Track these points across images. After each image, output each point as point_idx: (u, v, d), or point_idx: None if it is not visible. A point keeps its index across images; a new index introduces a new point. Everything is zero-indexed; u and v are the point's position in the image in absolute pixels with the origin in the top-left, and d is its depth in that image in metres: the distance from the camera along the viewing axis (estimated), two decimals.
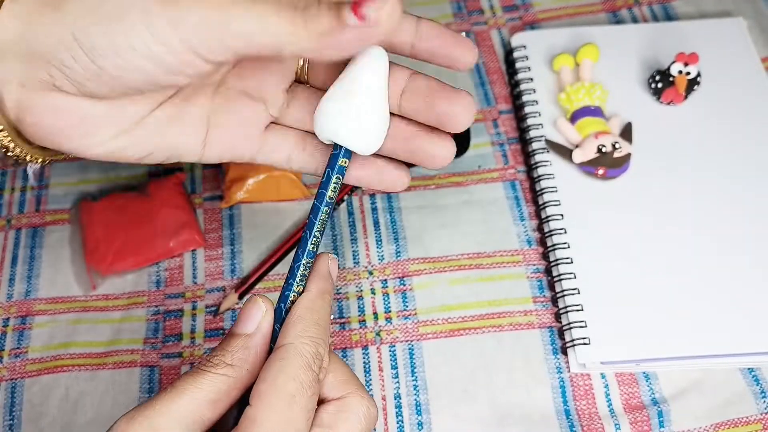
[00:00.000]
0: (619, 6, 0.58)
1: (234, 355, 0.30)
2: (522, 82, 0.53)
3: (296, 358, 0.29)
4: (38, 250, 0.49)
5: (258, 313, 0.30)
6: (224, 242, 0.49)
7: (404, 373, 0.44)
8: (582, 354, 0.43)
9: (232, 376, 0.29)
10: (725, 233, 0.46)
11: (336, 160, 0.32)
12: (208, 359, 0.29)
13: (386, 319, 0.46)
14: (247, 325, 0.30)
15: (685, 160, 0.49)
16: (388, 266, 0.47)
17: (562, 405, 0.43)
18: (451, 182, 0.50)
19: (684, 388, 0.43)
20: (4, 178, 0.52)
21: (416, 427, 0.42)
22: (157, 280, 0.48)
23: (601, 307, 0.44)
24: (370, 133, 0.31)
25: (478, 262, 0.47)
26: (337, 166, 0.32)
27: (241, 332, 0.30)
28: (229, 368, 0.29)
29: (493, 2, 0.59)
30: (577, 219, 0.47)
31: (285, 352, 0.29)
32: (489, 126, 0.53)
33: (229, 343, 0.30)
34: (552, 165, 0.49)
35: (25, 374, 0.44)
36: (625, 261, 0.46)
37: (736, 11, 0.57)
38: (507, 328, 0.45)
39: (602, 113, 0.50)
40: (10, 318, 0.46)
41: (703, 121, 0.51)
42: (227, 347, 0.30)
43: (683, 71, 0.50)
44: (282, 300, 0.32)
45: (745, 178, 0.48)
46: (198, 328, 0.46)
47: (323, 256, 0.33)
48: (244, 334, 0.30)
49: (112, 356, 0.45)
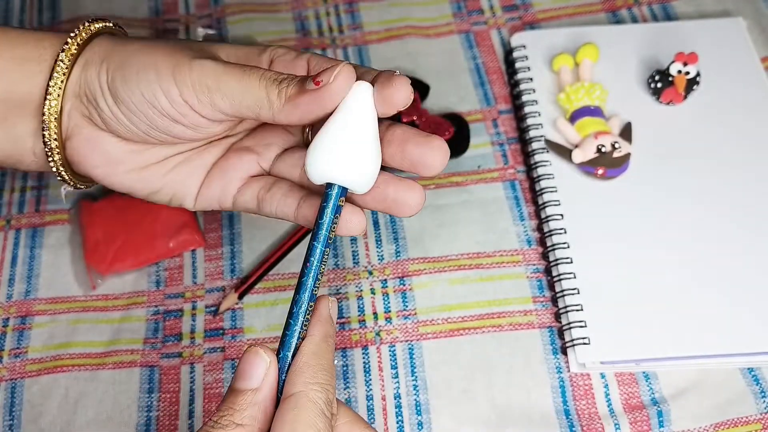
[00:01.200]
0: (618, 6, 0.58)
1: (243, 414, 0.29)
2: (522, 82, 0.53)
3: (309, 405, 0.29)
4: (38, 250, 0.49)
5: (262, 366, 0.30)
6: (224, 242, 0.49)
7: (404, 373, 0.44)
8: (582, 354, 0.43)
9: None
10: (725, 233, 0.46)
11: (332, 200, 0.31)
12: (216, 421, 0.29)
13: (386, 319, 0.46)
14: (252, 380, 0.29)
15: (685, 160, 0.49)
16: (387, 266, 0.47)
17: (562, 405, 0.43)
18: (450, 182, 0.50)
19: (684, 388, 0.43)
20: (4, 178, 0.52)
21: (416, 427, 0.42)
22: (156, 280, 0.48)
23: (601, 307, 0.44)
24: (364, 169, 0.31)
25: (477, 262, 0.47)
26: (336, 206, 0.31)
27: (245, 388, 0.29)
28: (240, 428, 0.28)
29: (493, 2, 0.59)
30: (576, 219, 0.47)
31: (297, 401, 0.29)
32: (489, 126, 0.53)
33: (235, 401, 0.29)
34: (552, 165, 0.49)
35: (24, 374, 0.44)
36: (625, 261, 0.46)
37: (735, 11, 0.57)
38: (507, 328, 0.45)
39: (602, 113, 0.50)
40: (9, 318, 0.46)
41: (703, 121, 0.51)
42: (234, 406, 0.29)
43: (683, 71, 0.50)
44: (286, 348, 0.30)
45: (744, 177, 0.48)
46: (198, 328, 0.46)
47: (323, 299, 0.32)
48: (249, 389, 0.29)
49: (112, 356, 0.45)
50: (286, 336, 0.31)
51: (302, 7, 0.59)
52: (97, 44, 0.36)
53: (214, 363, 0.45)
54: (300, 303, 0.31)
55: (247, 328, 0.46)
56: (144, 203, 0.48)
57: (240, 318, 0.46)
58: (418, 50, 0.56)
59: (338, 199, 0.31)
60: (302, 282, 0.31)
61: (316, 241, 0.31)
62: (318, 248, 0.31)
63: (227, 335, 0.46)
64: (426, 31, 0.57)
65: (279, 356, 0.30)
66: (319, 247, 0.31)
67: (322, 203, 0.31)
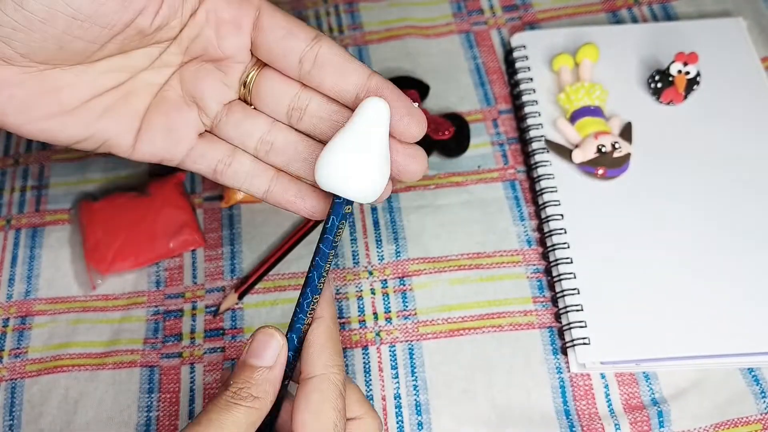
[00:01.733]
0: (618, 6, 0.58)
1: (259, 388, 0.31)
2: (522, 82, 0.53)
3: (332, 387, 0.31)
4: (38, 250, 0.49)
5: (275, 347, 0.32)
6: (224, 242, 0.49)
7: (404, 373, 0.44)
8: (582, 354, 0.43)
9: (260, 408, 0.31)
10: (725, 233, 0.46)
11: (340, 208, 0.33)
12: (235, 392, 0.30)
13: (386, 319, 0.46)
14: (266, 358, 0.32)
15: (685, 160, 0.49)
16: (387, 266, 0.47)
17: (562, 405, 0.43)
18: (450, 182, 0.50)
19: (684, 388, 0.43)
20: (4, 178, 0.52)
21: (416, 427, 0.42)
22: (156, 280, 0.48)
23: (601, 307, 0.44)
24: (373, 183, 0.32)
25: (478, 262, 0.47)
26: (342, 214, 0.33)
27: (259, 365, 0.31)
28: (257, 401, 0.31)
29: (493, 2, 0.59)
30: (576, 219, 0.47)
31: (321, 383, 0.31)
32: (489, 126, 0.53)
33: (252, 376, 0.31)
34: (552, 165, 0.49)
35: (24, 374, 0.44)
36: (625, 261, 0.46)
37: (735, 11, 0.57)
38: (507, 328, 0.45)
39: (602, 113, 0.50)
40: (9, 318, 0.46)
41: (703, 121, 0.51)
42: (251, 380, 0.31)
43: (683, 71, 0.50)
44: (295, 331, 0.33)
45: (744, 177, 0.48)
46: (198, 328, 0.46)
47: (329, 283, 0.34)
48: (264, 366, 0.31)
49: (112, 356, 0.45)
50: (294, 322, 0.33)
51: (302, 7, 0.59)
52: None
53: (214, 363, 0.45)
54: (306, 296, 0.33)
55: (247, 328, 0.46)
56: (144, 203, 0.48)
57: (240, 318, 0.46)
58: (418, 50, 0.56)
59: (344, 207, 0.33)
60: (309, 277, 0.33)
61: (323, 244, 0.33)
62: (324, 250, 0.33)
63: (227, 335, 0.46)
64: (426, 31, 0.57)
65: (287, 337, 0.33)
66: (326, 250, 0.33)
67: (330, 210, 0.33)
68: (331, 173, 0.32)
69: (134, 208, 0.48)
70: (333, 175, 0.32)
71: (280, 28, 0.33)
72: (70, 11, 0.30)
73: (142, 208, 0.48)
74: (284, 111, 0.35)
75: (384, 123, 0.32)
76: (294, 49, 0.33)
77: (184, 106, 0.36)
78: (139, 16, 0.31)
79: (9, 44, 0.30)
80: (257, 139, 0.36)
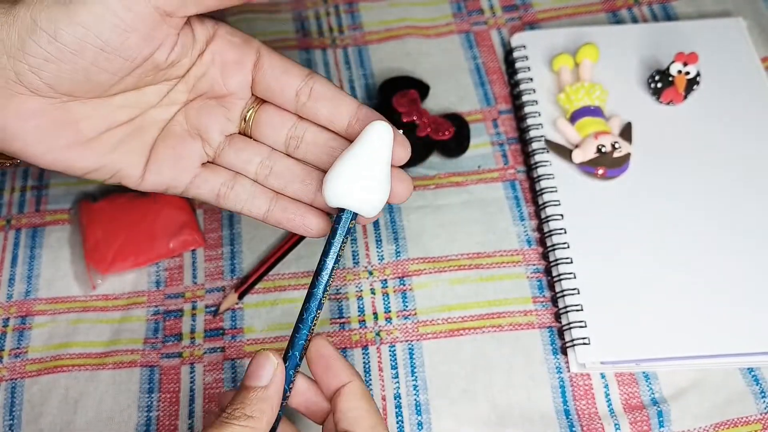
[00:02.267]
0: (618, 6, 0.58)
1: (253, 407, 0.32)
2: (522, 82, 0.53)
3: (366, 391, 0.34)
4: (38, 250, 0.49)
5: (270, 367, 0.33)
6: (224, 242, 0.49)
7: (404, 373, 0.44)
8: (582, 354, 0.43)
9: (255, 427, 0.32)
10: (725, 233, 0.46)
11: (345, 222, 0.35)
12: (229, 413, 0.32)
13: (386, 319, 0.46)
14: (261, 379, 0.33)
15: (685, 160, 0.49)
16: (387, 266, 0.47)
17: (562, 405, 0.43)
18: (451, 182, 0.50)
19: (684, 388, 0.43)
20: (4, 178, 0.52)
21: (416, 427, 0.42)
22: (156, 280, 0.48)
23: (601, 307, 0.44)
24: (376, 199, 0.34)
25: (478, 262, 0.47)
26: (347, 228, 0.35)
27: (255, 385, 0.33)
28: (251, 419, 0.32)
29: (493, 2, 0.59)
30: (576, 219, 0.47)
31: (359, 388, 0.34)
32: (489, 126, 0.53)
33: (246, 396, 0.32)
34: (552, 165, 0.49)
35: (24, 374, 0.44)
36: (625, 261, 0.46)
37: (735, 11, 0.57)
38: (507, 328, 0.45)
39: (602, 113, 0.50)
40: (10, 318, 0.46)
41: (703, 121, 0.51)
42: (245, 401, 0.32)
43: (683, 71, 0.50)
44: (296, 348, 0.34)
45: (744, 177, 0.48)
46: (198, 328, 0.46)
47: None
48: (259, 386, 0.33)
49: (112, 356, 0.45)
50: (296, 338, 0.34)
51: (302, 7, 0.59)
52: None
53: (214, 363, 0.45)
54: (310, 311, 0.34)
55: (247, 328, 0.46)
56: (144, 203, 0.48)
57: (240, 318, 0.46)
58: (417, 50, 0.56)
59: (349, 222, 0.35)
60: (312, 293, 0.34)
61: (327, 258, 0.35)
62: (329, 264, 0.34)
63: (227, 335, 0.46)
64: (426, 31, 0.57)
65: (288, 355, 0.34)
66: (330, 264, 0.34)
67: (335, 224, 0.35)
68: (339, 189, 0.34)
69: (134, 208, 0.48)
70: (341, 191, 0.34)
71: (278, 68, 0.37)
72: (99, 43, 0.32)
73: (142, 208, 0.48)
74: (282, 140, 0.38)
75: (387, 144, 0.34)
76: (291, 84, 0.37)
77: (188, 139, 0.38)
78: (157, 50, 0.34)
79: (39, 75, 0.32)
80: (257, 164, 0.39)
